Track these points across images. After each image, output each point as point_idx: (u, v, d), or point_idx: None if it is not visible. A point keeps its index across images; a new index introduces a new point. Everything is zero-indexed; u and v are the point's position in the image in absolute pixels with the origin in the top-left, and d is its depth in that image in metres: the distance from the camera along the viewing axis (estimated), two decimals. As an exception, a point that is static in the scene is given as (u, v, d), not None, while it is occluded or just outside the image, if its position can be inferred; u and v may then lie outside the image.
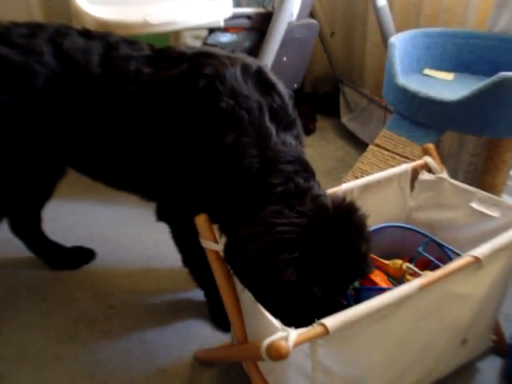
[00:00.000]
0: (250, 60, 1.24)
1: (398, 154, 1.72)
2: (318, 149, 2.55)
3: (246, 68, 1.20)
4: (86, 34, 1.30)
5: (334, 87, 2.82)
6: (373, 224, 1.36)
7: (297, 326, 0.93)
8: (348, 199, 1.14)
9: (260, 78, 1.21)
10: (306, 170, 1.16)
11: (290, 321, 0.97)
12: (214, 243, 1.13)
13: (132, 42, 1.31)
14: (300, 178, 1.12)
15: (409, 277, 1.29)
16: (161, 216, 1.37)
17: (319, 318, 0.95)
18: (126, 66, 1.23)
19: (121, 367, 1.42)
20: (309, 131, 2.68)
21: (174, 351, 1.46)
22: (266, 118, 1.16)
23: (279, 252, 1.01)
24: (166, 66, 1.23)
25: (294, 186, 1.10)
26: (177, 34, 2.14)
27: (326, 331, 0.91)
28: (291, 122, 1.22)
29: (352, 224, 1.09)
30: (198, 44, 1.96)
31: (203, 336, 1.50)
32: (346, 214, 1.09)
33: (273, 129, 1.15)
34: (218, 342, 1.46)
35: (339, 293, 1.11)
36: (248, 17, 1.81)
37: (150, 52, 1.28)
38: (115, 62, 1.25)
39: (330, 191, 1.32)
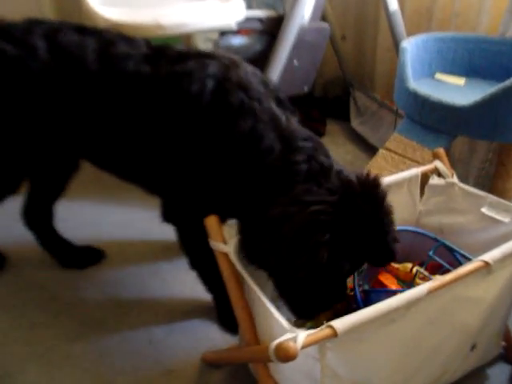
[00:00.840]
0: (245, 63, 1.29)
1: (408, 158, 1.71)
2: (328, 152, 2.54)
3: (245, 67, 1.25)
4: (81, 29, 1.32)
5: (344, 91, 2.82)
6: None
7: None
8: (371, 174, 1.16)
9: (259, 76, 1.26)
10: (322, 147, 1.19)
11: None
12: (223, 245, 1.13)
13: (128, 38, 1.32)
14: (321, 156, 1.15)
15: (419, 280, 1.28)
16: (167, 217, 1.37)
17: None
18: (124, 65, 1.24)
19: (128, 367, 1.42)
20: (318, 135, 2.66)
21: (181, 352, 1.46)
22: (274, 105, 1.20)
23: (313, 233, 1.04)
24: (167, 64, 1.24)
25: (317, 164, 1.13)
26: (188, 36, 2.15)
27: (335, 333, 0.91)
28: (293, 110, 1.27)
29: (377, 199, 1.11)
30: (209, 46, 1.96)
31: (211, 338, 1.50)
32: (371, 189, 1.12)
33: (282, 114, 1.19)
34: (226, 343, 1.46)
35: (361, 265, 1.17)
36: (260, 20, 1.81)
37: (147, 50, 1.29)
38: (113, 60, 1.25)
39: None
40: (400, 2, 2.21)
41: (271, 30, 1.83)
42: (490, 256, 1.11)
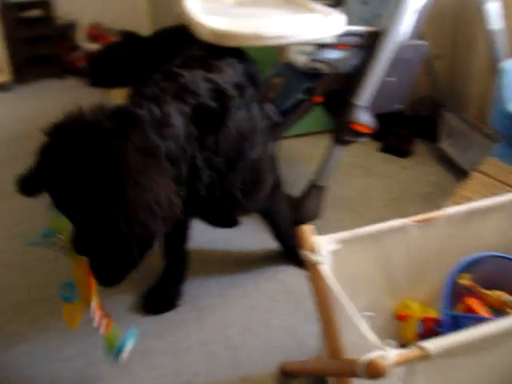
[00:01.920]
0: None
1: (502, 182, 1.65)
2: (413, 172, 2.51)
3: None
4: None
5: (433, 110, 2.76)
6: (474, 252, 1.33)
7: None
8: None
9: None
10: None
11: None
12: (314, 255, 1.12)
13: None
14: None
15: (509, 310, 1.24)
16: None
17: None
18: None
19: (205, 369, 1.45)
20: (405, 153, 2.64)
21: (258, 360, 1.48)
22: None
23: None
24: None
25: None
26: (282, 48, 2.18)
27: (427, 355, 0.88)
28: None
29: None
30: (303, 59, 1.98)
31: (290, 347, 1.51)
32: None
33: None
34: (303, 355, 1.46)
35: None
36: (359, 35, 1.81)
37: None
38: None
39: (427, 216, 1.29)
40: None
41: (369, 45, 1.82)
42: None
